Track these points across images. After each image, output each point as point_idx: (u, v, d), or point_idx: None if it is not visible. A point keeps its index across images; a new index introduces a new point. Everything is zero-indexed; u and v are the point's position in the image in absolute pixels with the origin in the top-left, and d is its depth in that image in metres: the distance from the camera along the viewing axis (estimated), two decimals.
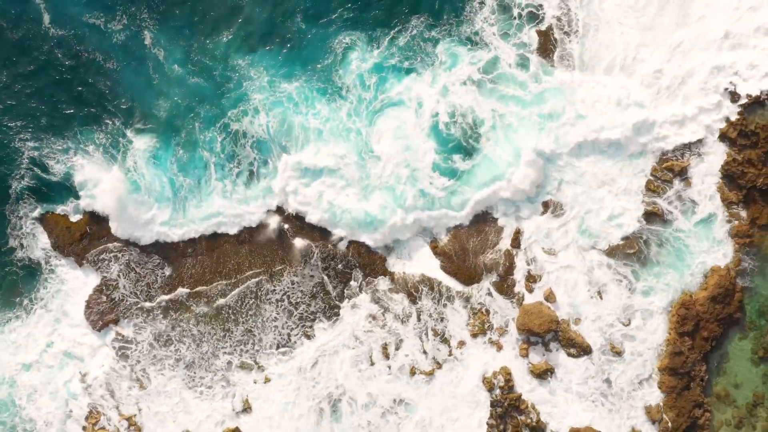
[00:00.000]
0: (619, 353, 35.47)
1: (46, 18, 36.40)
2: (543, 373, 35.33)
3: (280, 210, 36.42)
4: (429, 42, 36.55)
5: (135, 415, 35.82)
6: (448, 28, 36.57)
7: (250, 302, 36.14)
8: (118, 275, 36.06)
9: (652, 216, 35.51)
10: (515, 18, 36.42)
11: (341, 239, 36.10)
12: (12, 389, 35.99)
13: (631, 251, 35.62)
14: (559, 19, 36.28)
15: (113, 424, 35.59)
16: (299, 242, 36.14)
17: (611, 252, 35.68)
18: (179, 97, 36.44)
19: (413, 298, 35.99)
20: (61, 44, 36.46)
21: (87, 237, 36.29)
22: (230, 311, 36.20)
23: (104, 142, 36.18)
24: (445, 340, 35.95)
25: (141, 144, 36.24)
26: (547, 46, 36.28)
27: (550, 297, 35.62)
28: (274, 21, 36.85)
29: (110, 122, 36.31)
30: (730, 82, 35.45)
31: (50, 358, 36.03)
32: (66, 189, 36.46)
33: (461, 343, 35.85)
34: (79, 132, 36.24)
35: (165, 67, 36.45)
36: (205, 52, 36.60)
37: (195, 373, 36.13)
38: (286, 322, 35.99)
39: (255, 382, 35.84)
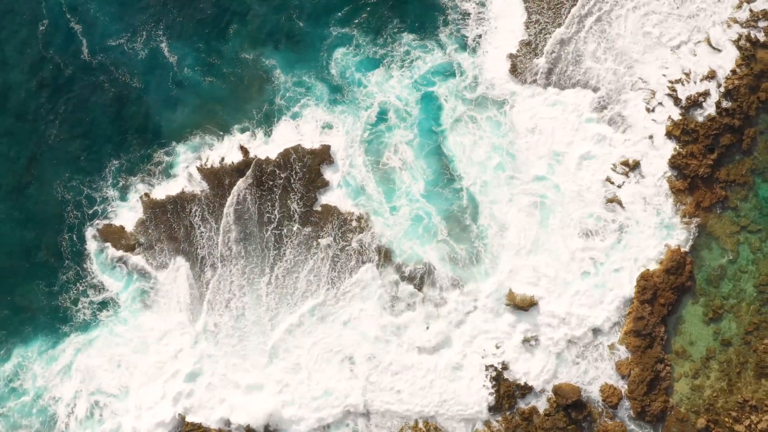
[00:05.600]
0: (592, 319, 41.95)
1: (85, 45, 43.32)
2: (529, 341, 41.66)
3: None
4: (408, 47, 43.60)
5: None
6: (427, 39, 43.74)
7: None
8: None
9: (612, 204, 42.07)
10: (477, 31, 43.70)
11: None
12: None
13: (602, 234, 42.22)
14: (528, 44, 43.17)
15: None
16: None
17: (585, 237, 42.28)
18: None
19: (419, 287, 42.32)
20: (101, 71, 43.38)
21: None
22: None
23: None
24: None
25: None
26: (516, 65, 43.13)
27: (532, 277, 42.06)
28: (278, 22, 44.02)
29: None
30: (673, 88, 42.19)
31: None
32: None
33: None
34: None
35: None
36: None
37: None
38: None
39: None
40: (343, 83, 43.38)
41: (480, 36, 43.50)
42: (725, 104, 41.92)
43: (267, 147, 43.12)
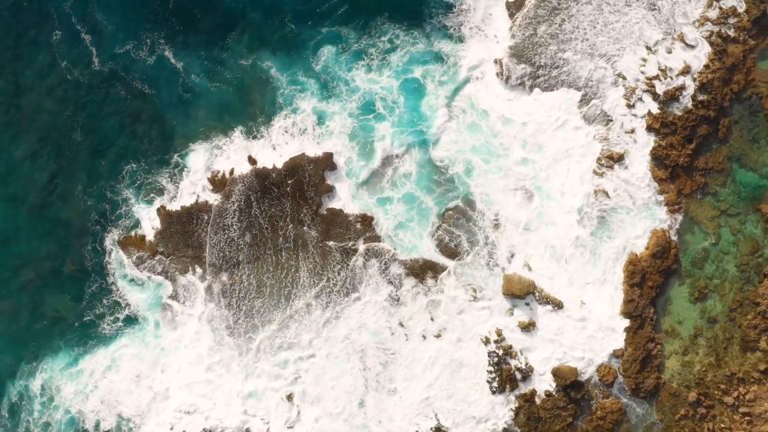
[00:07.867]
0: (585, 304, 44.54)
1: (95, 54, 45.81)
2: (527, 327, 44.37)
3: None
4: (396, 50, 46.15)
5: None
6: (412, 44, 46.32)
7: None
8: None
9: (599, 194, 44.66)
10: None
11: None
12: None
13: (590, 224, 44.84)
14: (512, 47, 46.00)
15: None
16: None
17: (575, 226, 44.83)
18: None
19: (421, 279, 44.97)
20: (113, 78, 45.79)
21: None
22: None
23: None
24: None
25: None
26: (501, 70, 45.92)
27: (526, 265, 44.77)
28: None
29: None
30: (651, 84, 44.86)
31: None
32: None
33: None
34: None
35: None
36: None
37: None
38: None
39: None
40: (333, 78, 45.67)
41: (462, 24, 45.95)
42: (701, 97, 44.62)
43: (273, 156, 45.62)
